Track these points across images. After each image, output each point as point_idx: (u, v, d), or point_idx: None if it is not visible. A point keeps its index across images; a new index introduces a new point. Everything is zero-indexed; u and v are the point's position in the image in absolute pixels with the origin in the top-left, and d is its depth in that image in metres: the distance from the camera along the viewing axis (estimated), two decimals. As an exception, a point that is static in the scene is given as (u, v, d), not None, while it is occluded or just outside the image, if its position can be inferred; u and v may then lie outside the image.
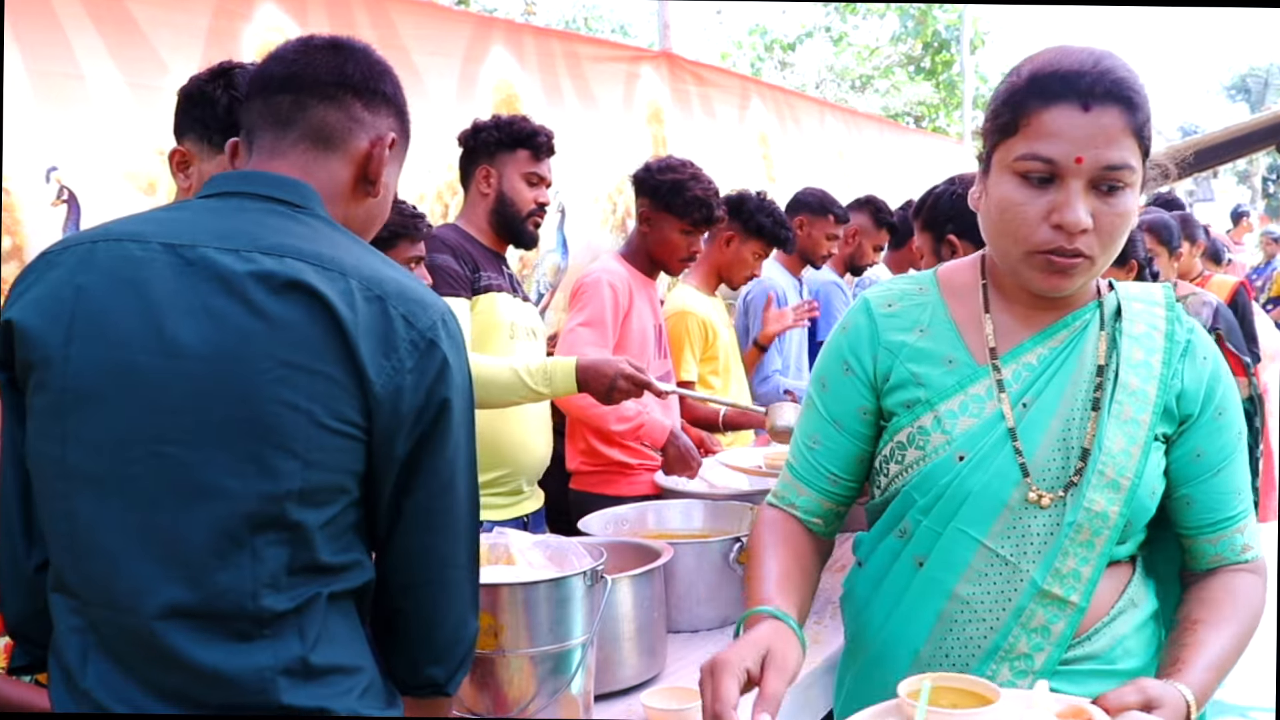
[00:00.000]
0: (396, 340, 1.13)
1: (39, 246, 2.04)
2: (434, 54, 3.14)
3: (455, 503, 1.21)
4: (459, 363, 1.20)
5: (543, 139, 2.60)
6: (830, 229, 3.89)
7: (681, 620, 2.13)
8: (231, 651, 1.09)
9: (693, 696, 1.74)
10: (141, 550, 1.09)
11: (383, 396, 1.12)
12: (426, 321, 1.16)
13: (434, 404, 1.16)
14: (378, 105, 1.29)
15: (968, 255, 2.08)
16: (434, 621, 1.23)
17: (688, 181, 2.92)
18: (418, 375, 1.14)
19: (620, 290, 2.85)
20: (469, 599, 1.26)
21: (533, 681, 1.62)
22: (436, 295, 1.22)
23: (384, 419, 1.13)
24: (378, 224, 1.35)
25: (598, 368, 2.22)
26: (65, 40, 2.18)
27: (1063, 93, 1.23)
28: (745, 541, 2.14)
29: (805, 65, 14.08)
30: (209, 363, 1.09)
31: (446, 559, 1.22)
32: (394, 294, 1.15)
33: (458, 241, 2.51)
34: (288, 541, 1.10)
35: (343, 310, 1.11)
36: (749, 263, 3.37)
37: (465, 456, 1.23)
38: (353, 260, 1.16)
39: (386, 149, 1.29)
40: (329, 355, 1.10)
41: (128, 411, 1.09)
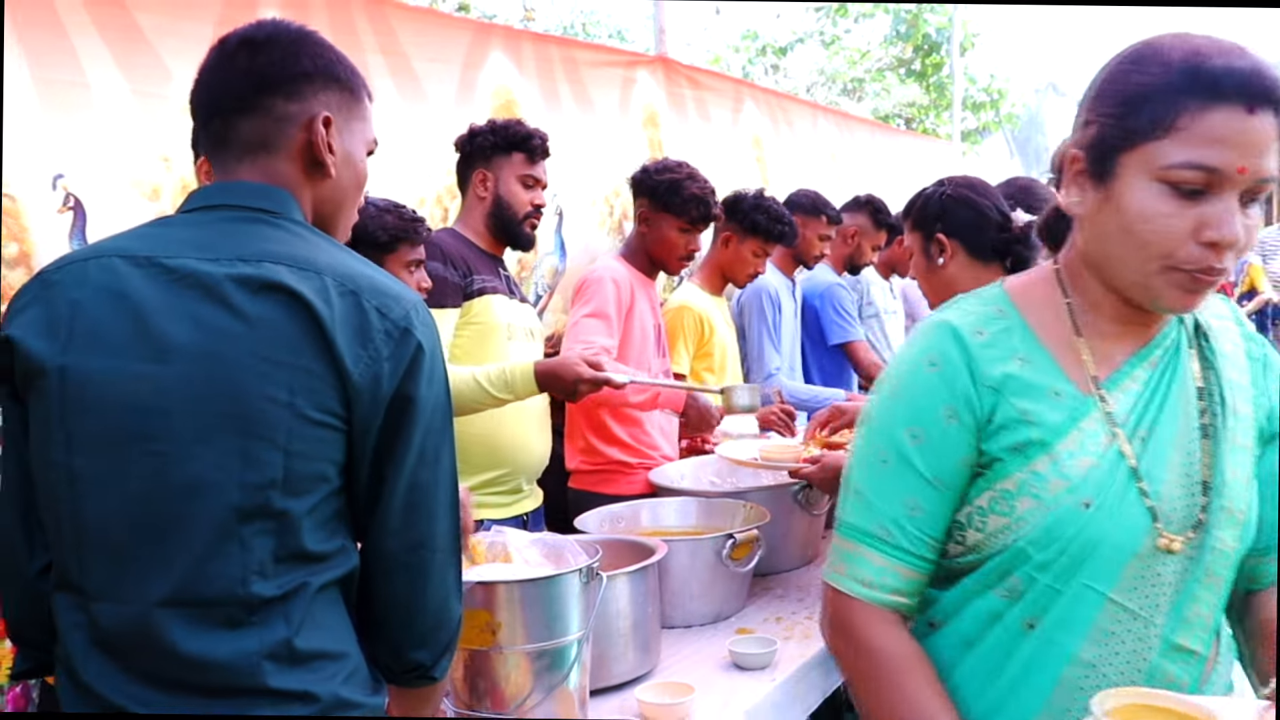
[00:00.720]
0: (371, 331, 1.18)
1: (45, 253, 2.08)
2: (433, 60, 3.16)
3: (433, 486, 1.24)
4: (433, 349, 1.24)
5: (537, 142, 2.63)
6: (823, 229, 3.91)
7: (676, 616, 2.16)
8: (220, 638, 1.15)
9: (686, 691, 1.78)
10: (141, 544, 1.15)
11: (361, 385, 1.17)
12: (399, 312, 1.20)
13: (410, 390, 1.20)
14: (301, 88, 1.27)
15: (956, 255, 2.14)
16: (416, 606, 1.25)
17: (684, 180, 2.96)
18: (394, 363, 1.19)
19: (623, 287, 2.88)
20: (451, 583, 1.28)
21: (529, 678, 1.64)
22: (407, 288, 1.26)
23: (363, 407, 1.18)
24: (352, 195, 1.35)
25: (556, 372, 2.29)
26: (70, 47, 2.19)
27: (1228, 92, 1.06)
28: (738, 538, 2.18)
29: (797, 69, 14.09)
30: (196, 364, 1.15)
31: (425, 542, 1.24)
32: (366, 288, 1.20)
33: (453, 246, 2.53)
34: (274, 530, 1.16)
35: (319, 306, 1.16)
36: (749, 261, 3.40)
37: (443, 441, 1.25)
38: (326, 259, 1.21)
39: (323, 127, 1.28)
40: (308, 349, 1.16)
41: (123, 414, 1.15)
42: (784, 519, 2.46)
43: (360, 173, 1.35)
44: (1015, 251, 2.15)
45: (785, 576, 2.51)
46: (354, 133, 1.33)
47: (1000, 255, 2.16)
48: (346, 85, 1.32)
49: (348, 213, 1.36)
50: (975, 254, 2.15)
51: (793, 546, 2.55)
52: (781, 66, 13.97)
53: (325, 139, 1.28)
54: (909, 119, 13.52)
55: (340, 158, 1.30)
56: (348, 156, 1.32)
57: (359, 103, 1.34)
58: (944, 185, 2.21)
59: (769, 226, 3.35)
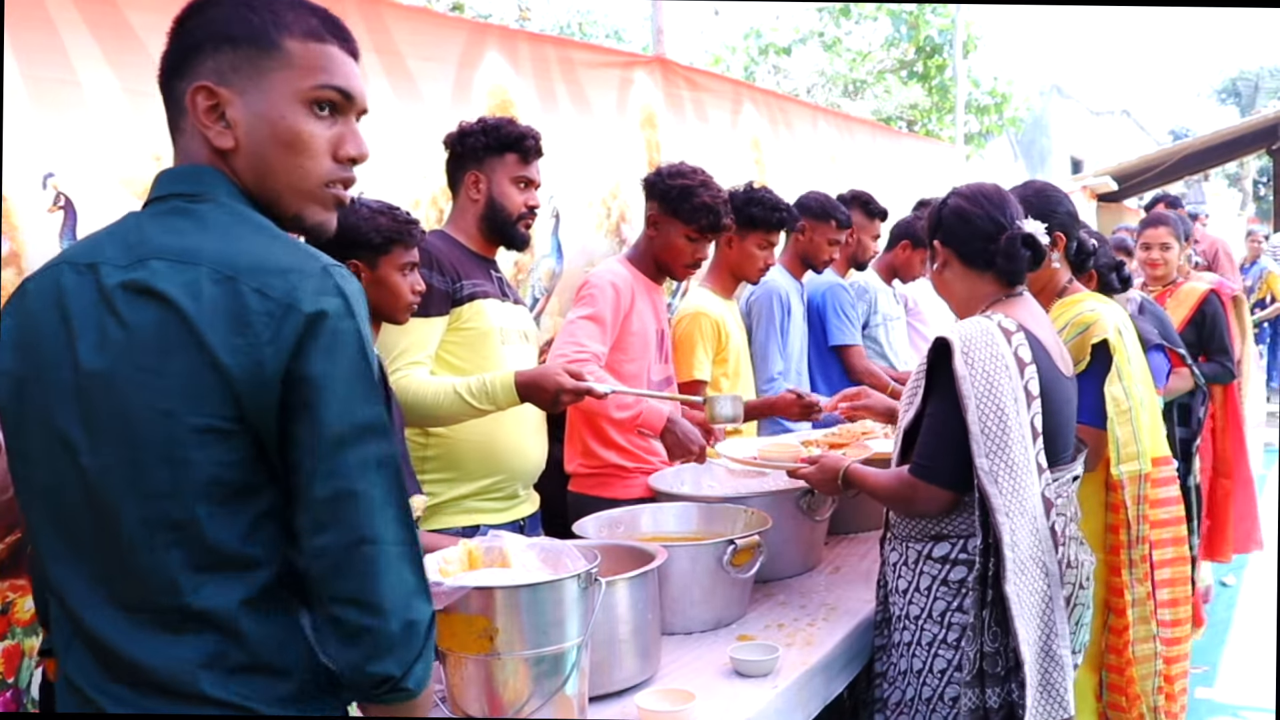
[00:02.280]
0: (249, 316, 1.10)
1: (36, 252, 2.06)
2: (429, 59, 3.14)
3: (364, 470, 1.13)
4: (336, 320, 1.13)
5: (530, 142, 2.58)
6: (832, 234, 3.86)
7: (676, 622, 2.14)
8: (161, 644, 1.14)
9: (687, 698, 1.75)
10: (81, 551, 1.19)
11: (241, 376, 1.10)
12: (282, 288, 1.11)
13: (304, 368, 1.11)
14: (187, 62, 1.21)
15: (950, 263, 2.16)
16: (369, 608, 1.13)
17: (696, 188, 2.92)
18: (277, 344, 1.10)
19: (623, 290, 2.86)
20: (411, 581, 1.16)
21: (528, 684, 1.63)
22: (312, 259, 1.16)
23: (252, 399, 1.11)
24: (278, 158, 1.22)
25: (537, 383, 2.27)
26: (61, 46, 2.17)
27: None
28: (739, 544, 2.15)
29: (798, 70, 14.09)
30: (97, 378, 1.15)
31: (367, 536, 1.13)
32: (247, 270, 1.12)
33: (443, 250, 2.49)
34: (181, 541, 1.13)
35: (185, 304, 1.11)
36: (756, 255, 3.37)
37: (372, 420, 1.15)
38: (215, 245, 1.14)
39: (202, 99, 1.19)
40: (179, 353, 1.11)
41: (55, 428, 1.17)
42: (786, 525, 2.44)
43: (284, 130, 1.21)
44: (998, 264, 2.15)
45: (787, 583, 2.49)
46: (265, 89, 1.20)
47: (991, 266, 2.16)
48: (247, 40, 1.20)
49: (281, 178, 1.23)
50: (968, 263, 2.18)
51: (794, 553, 2.53)
52: (782, 67, 13.97)
53: (205, 112, 1.19)
54: (911, 121, 13.53)
55: (246, 123, 1.20)
56: (257, 119, 1.20)
57: (270, 54, 1.20)
58: (949, 195, 2.23)
59: (767, 216, 3.32)
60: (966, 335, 2.02)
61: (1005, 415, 1.97)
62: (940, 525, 2.08)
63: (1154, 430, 2.54)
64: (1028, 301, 2.19)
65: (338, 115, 1.25)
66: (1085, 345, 2.45)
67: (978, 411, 1.96)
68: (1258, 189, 25.49)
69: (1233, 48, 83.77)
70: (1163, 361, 3.07)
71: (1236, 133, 12.79)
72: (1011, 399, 1.98)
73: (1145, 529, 2.46)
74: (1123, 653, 2.43)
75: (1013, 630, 1.94)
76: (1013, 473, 1.96)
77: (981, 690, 1.98)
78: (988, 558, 1.98)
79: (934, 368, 2.07)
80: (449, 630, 1.65)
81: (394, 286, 2.22)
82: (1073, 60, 73.94)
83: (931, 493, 2.05)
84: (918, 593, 2.10)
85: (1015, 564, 1.95)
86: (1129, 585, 2.43)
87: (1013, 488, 1.96)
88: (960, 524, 2.06)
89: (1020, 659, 1.94)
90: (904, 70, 13.81)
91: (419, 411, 2.31)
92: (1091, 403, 2.41)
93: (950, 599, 2.06)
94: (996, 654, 1.97)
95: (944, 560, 2.08)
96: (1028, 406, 2.00)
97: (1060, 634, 2.00)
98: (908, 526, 2.14)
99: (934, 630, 2.08)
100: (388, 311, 2.25)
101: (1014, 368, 2.00)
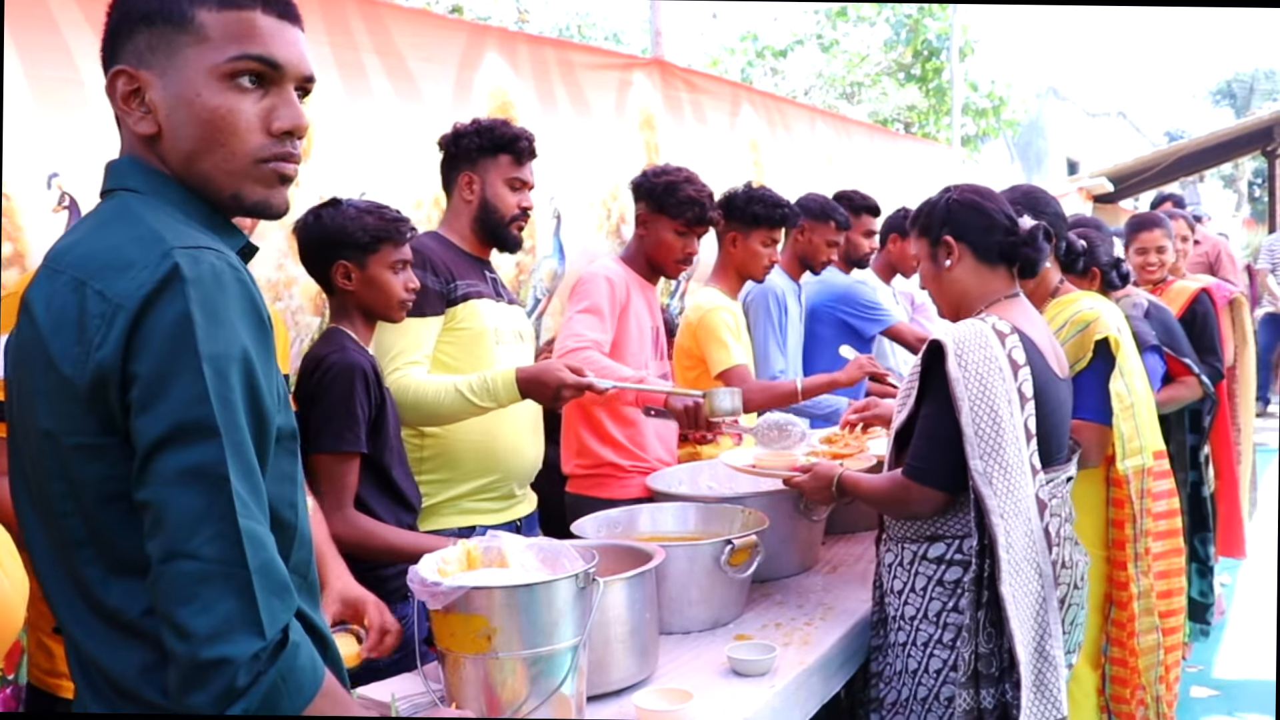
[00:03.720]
0: (88, 320, 1.04)
1: (40, 253, 2.06)
2: (429, 60, 3.15)
3: (179, 478, 1.01)
4: (165, 311, 1.02)
5: (524, 143, 2.58)
6: (831, 235, 3.86)
7: (674, 622, 2.15)
8: (114, 648, 1.11)
9: (684, 698, 1.76)
10: (42, 564, 1.16)
11: (84, 385, 1.04)
12: (119, 286, 1.03)
13: (131, 367, 1.02)
14: (112, 49, 1.15)
15: (964, 258, 2.14)
16: (176, 630, 1.00)
17: (680, 183, 2.96)
18: (107, 347, 1.02)
19: (618, 285, 2.88)
20: (231, 609, 1.00)
21: (525, 683, 1.63)
22: (157, 246, 1.05)
23: (103, 407, 1.04)
24: (202, 138, 1.14)
25: (538, 378, 2.28)
26: (64, 45, 2.18)
27: None
28: (736, 544, 2.16)
29: (795, 72, 14.10)
30: (15, 395, 1.14)
31: (178, 551, 1.00)
32: (96, 270, 1.05)
33: (436, 251, 2.49)
34: (95, 558, 1.09)
35: (40, 314, 1.08)
36: (761, 253, 3.38)
37: (189, 419, 1.01)
38: (85, 248, 1.09)
39: (121, 84, 1.14)
40: (39, 368, 1.07)
41: (25, 437, 1.15)
42: (783, 525, 2.45)
43: (201, 109, 1.13)
44: (1023, 255, 2.16)
45: (784, 583, 2.49)
46: (180, 67, 1.12)
47: (1007, 259, 2.16)
48: (160, 17, 1.13)
49: (206, 160, 1.14)
50: (982, 257, 2.16)
51: (792, 553, 2.53)
52: (780, 70, 13.98)
53: (124, 97, 1.14)
54: (908, 124, 13.54)
55: (165, 105, 1.13)
56: (176, 100, 1.12)
57: (183, 29, 1.12)
58: (950, 191, 2.21)
59: (769, 213, 3.34)
60: (960, 338, 2.03)
61: (999, 417, 1.98)
62: (935, 526, 2.09)
63: (1153, 425, 2.59)
64: (1023, 303, 2.20)
65: (267, 87, 1.16)
66: (1087, 342, 2.47)
67: (971, 414, 1.97)
68: (1253, 190, 25.52)
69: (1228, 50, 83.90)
70: (1158, 363, 3.08)
71: (1232, 134, 12.80)
72: (1005, 401, 1.99)
73: (1148, 522, 2.49)
74: (1127, 644, 2.46)
75: (1008, 631, 1.95)
76: (1007, 474, 1.97)
77: (976, 691, 1.98)
78: (983, 559, 1.99)
79: (927, 370, 2.07)
80: (447, 630, 1.65)
81: (384, 285, 2.23)
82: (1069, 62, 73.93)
83: (925, 494, 2.06)
84: (913, 593, 2.11)
85: (1010, 565, 1.96)
86: (1135, 578, 2.46)
87: (1007, 489, 1.97)
88: (955, 524, 2.07)
89: (1015, 659, 1.95)
90: (901, 73, 13.82)
91: (420, 411, 2.32)
92: (1095, 399, 2.43)
93: (946, 599, 2.07)
94: (991, 655, 1.98)
95: (939, 561, 2.08)
96: (1021, 408, 2.01)
97: (1053, 635, 2.01)
98: (903, 527, 2.15)
99: (930, 630, 2.08)
100: (381, 310, 2.26)
101: (1007, 370, 2.01)
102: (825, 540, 2.76)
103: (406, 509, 2.29)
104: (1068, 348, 2.39)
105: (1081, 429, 2.39)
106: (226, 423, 1.03)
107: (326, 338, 2.27)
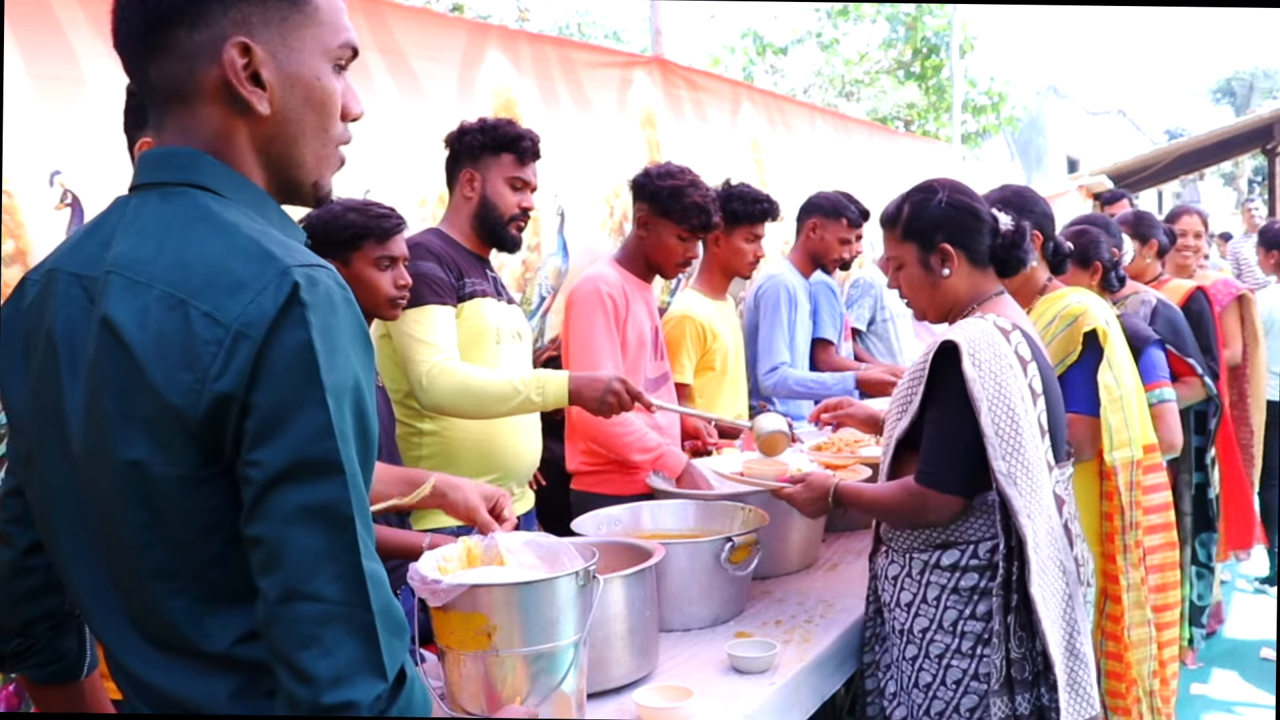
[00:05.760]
0: (197, 347, 0.96)
1: (42, 251, 2.06)
2: (431, 59, 3.16)
3: (300, 515, 0.96)
4: (290, 338, 0.95)
5: (527, 143, 2.58)
6: (843, 233, 3.85)
7: (674, 619, 2.15)
8: (192, 678, 1.05)
9: (685, 695, 1.77)
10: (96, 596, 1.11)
11: (197, 416, 0.96)
12: (235, 311, 0.95)
13: (252, 397, 0.95)
14: (208, 10, 1.03)
15: (960, 265, 2.06)
16: (296, 674, 0.97)
17: (686, 188, 2.94)
18: (234, 377, 0.95)
19: (617, 299, 2.87)
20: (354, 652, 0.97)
21: (525, 680, 1.63)
22: (271, 266, 0.98)
23: (215, 439, 0.97)
24: (311, 122, 1.10)
25: (590, 384, 2.28)
26: (66, 43, 2.18)
27: None
28: (736, 541, 2.17)
29: (795, 70, 14.10)
30: (78, 426, 1.04)
31: (298, 592, 0.96)
32: (199, 290, 0.97)
33: (441, 248, 2.50)
34: (183, 591, 1.03)
35: (133, 335, 0.98)
36: (744, 249, 3.39)
37: (312, 455, 0.96)
38: (171, 258, 1.00)
39: (238, 56, 1.04)
40: (137, 395, 0.98)
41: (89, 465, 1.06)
42: (783, 522, 2.45)
43: (317, 91, 1.09)
44: (1015, 257, 2.11)
45: (785, 580, 2.50)
46: (296, 47, 1.07)
47: (997, 261, 2.12)
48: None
49: (309, 144, 1.10)
50: (975, 262, 2.11)
51: (792, 550, 2.54)
52: (779, 68, 13.98)
53: (243, 71, 1.04)
54: (908, 121, 13.54)
55: (279, 84, 1.06)
56: (291, 79, 1.07)
57: (299, 7, 1.07)
58: (938, 191, 2.10)
59: (749, 210, 3.35)
60: (971, 337, 1.97)
61: (1016, 415, 1.93)
62: (947, 533, 2.02)
63: (1143, 418, 2.59)
64: (1010, 300, 2.16)
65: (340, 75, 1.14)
66: (1076, 335, 2.48)
67: (990, 414, 1.92)
68: (1252, 188, 25.52)
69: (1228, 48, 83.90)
70: (1161, 357, 3.07)
71: (1231, 132, 12.81)
72: (1019, 398, 1.94)
73: (1138, 515, 2.50)
74: (1120, 639, 2.47)
75: (1041, 633, 1.90)
76: (1029, 473, 1.93)
77: (1011, 697, 1.92)
78: (1010, 561, 1.93)
79: (934, 373, 2.01)
80: (447, 628, 1.66)
81: (369, 282, 2.21)
82: (1069, 60, 73.89)
83: (943, 501, 1.99)
84: (925, 604, 2.04)
85: (1039, 565, 1.91)
86: (1124, 571, 2.47)
87: (1030, 488, 1.93)
88: (969, 529, 2.01)
89: (1050, 661, 1.90)
90: (901, 70, 13.82)
91: (467, 398, 2.33)
92: (1085, 392, 2.43)
93: (962, 607, 2.00)
94: (1023, 659, 1.92)
95: (953, 568, 2.01)
96: (1034, 404, 1.97)
97: (1082, 631, 1.96)
98: (909, 537, 2.07)
99: (945, 640, 2.01)
100: (369, 308, 2.24)
101: (1017, 367, 1.97)
102: (826, 538, 2.76)
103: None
104: (1057, 342, 2.39)
105: (1073, 422, 2.38)
106: (348, 457, 0.97)
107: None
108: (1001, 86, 14.10)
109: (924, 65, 13.57)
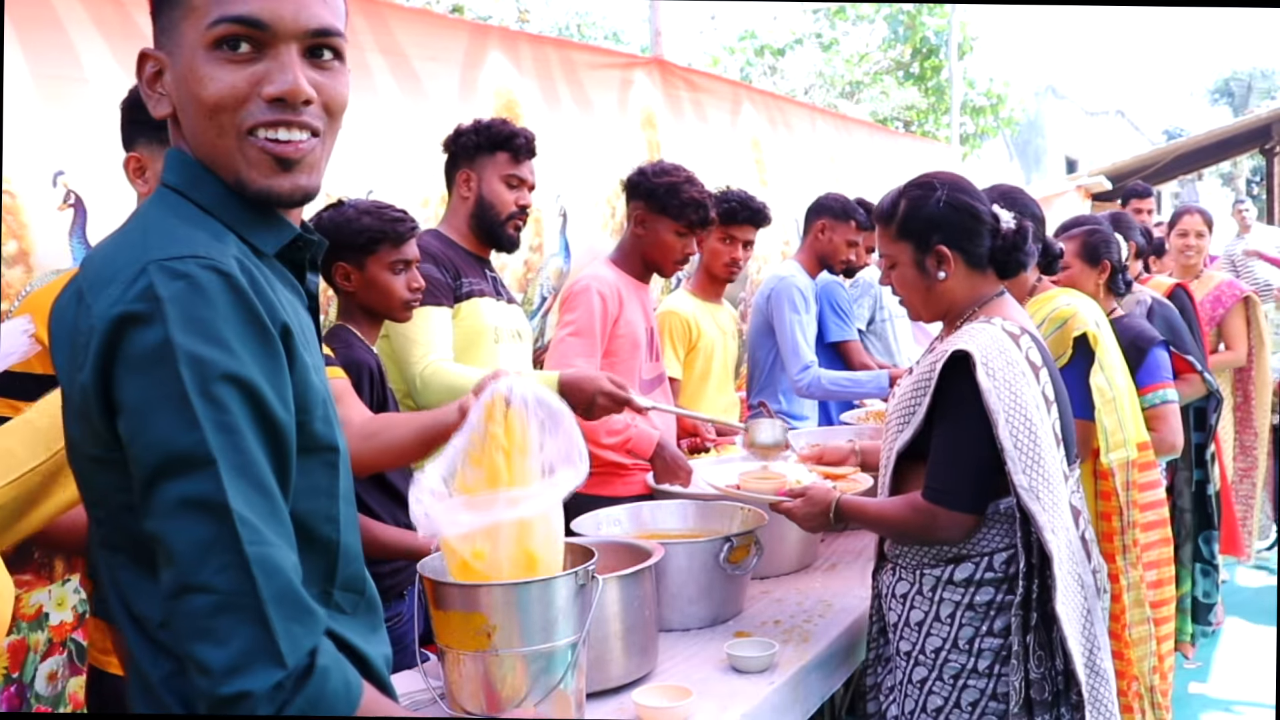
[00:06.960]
0: (76, 336, 0.99)
1: (45, 251, 2.07)
2: (433, 60, 3.16)
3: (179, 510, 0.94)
4: (140, 334, 0.95)
5: (521, 141, 2.58)
6: (851, 235, 3.83)
7: (673, 619, 2.16)
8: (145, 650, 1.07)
9: (684, 694, 1.77)
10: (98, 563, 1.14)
11: (82, 403, 0.99)
12: (102, 304, 0.97)
13: (114, 393, 0.96)
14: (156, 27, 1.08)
15: (957, 267, 1.96)
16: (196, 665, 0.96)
17: (682, 185, 2.94)
18: (89, 372, 0.97)
19: (610, 298, 2.87)
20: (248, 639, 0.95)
21: (525, 680, 1.63)
22: (137, 258, 0.98)
23: (103, 425, 0.99)
24: (192, 113, 1.06)
25: (579, 384, 2.27)
26: (69, 43, 2.18)
27: None
28: (735, 541, 2.17)
29: (795, 71, 14.10)
30: None
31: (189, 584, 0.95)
32: (92, 283, 0.99)
33: (440, 249, 2.51)
34: (131, 564, 1.05)
35: (53, 325, 1.04)
36: (722, 250, 3.41)
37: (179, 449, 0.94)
38: (99, 251, 1.06)
39: (147, 65, 1.08)
40: (64, 378, 1.04)
41: None
42: (782, 522, 2.44)
43: (191, 80, 1.04)
44: (1015, 259, 2.00)
45: (784, 580, 2.50)
46: (179, 42, 1.05)
47: (998, 264, 2.01)
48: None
49: (204, 138, 1.06)
50: (973, 264, 1.99)
51: (791, 550, 2.54)
52: (779, 68, 13.99)
53: (148, 80, 1.08)
54: (907, 122, 13.55)
55: (173, 83, 1.07)
56: (178, 77, 1.06)
57: (176, 4, 1.05)
58: (936, 189, 1.99)
59: (726, 210, 3.34)
60: (983, 346, 1.86)
61: (1034, 426, 1.83)
62: (959, 546, 1.92)
63: (1135, 417, 2.60)
64: (1012, 302, 2.06)
65: (261, 51, 1.04)
66: (1066, 338, 2.49)
67: (1008, 426, 1.81)
68: (1250, 188, 25.52)
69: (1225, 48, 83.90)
70: (1165, 358, 3.08)
71: (1230, 132, 12.82)
72: (1035, 407, 1.84)
73: (1135, 514, 2.51)
74: (1120, 637, 2.49)
75: (1065, 651, 1.82)
76: (1050, 486, 1.84)
77: (1030, 718, 1.84)
78: (1030, 580, 1.84)
79: (944, 383, 1.90)
80: (447, 628, 1.66)
81: (384, 285, 2.23)
82: (1067, 61, 73.92)
83: (954, 519, 1.88)
84: (938, 622, 1.93)
85: (1061, 582, 1.82)
86: (1123, 570, 2.49)
87: (1052, 502, 1.84)
88: (982, 541, 1.90)
89: (1075, 679, 1.82)
90: (900, 71, 13.83)
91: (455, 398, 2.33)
92: (1077, 395, 2.42)
93: (978, 624, 1.90)
94: (1043, 679, 1.83)
95: (968, 583, 1.91)
96: (1049, 413, 1.88)
97: (1102, 647, 1.89)
98: (919, 553, 1.97)
99: (960, 660, 1.91)
100: (383, 311, 2.26)
101: (1030, 374, 1.87)
102: (825, 537, 2.77)
103: (403, 507, 2.29)
104: (1049, 343, 2.40)
105: None
106: (223, 447, 0.95)
107: (332, 335, 2.28)
108: (1000, 87, 14.10)
109: (923, 66, 13.57)
